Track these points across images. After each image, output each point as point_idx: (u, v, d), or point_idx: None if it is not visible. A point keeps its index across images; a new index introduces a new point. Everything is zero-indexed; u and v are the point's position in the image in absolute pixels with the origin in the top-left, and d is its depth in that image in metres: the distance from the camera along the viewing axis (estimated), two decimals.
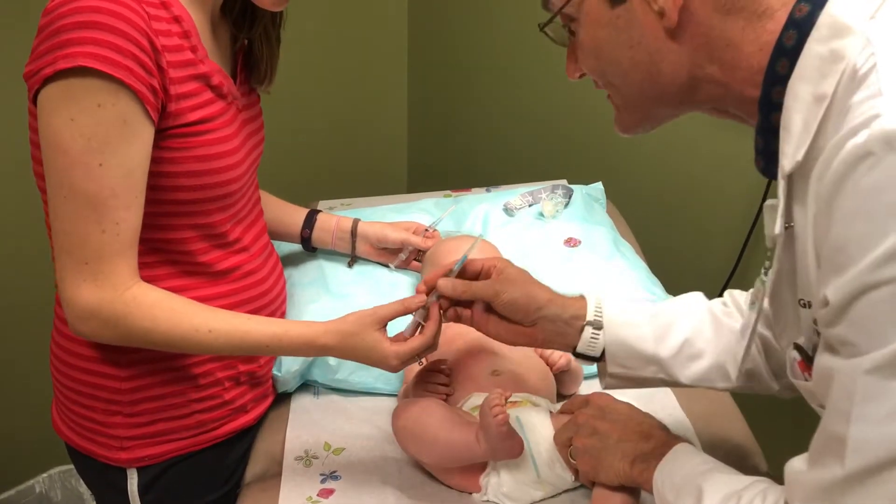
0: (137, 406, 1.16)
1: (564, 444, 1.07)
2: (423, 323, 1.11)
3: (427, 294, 1.11)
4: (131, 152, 1.01)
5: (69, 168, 0.99)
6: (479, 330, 1.13)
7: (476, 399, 1.20)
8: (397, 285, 1.50)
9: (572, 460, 1.06)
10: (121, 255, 1.04)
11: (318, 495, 1.15)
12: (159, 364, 1.15)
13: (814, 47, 0.73)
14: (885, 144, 0.63)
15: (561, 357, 1.30)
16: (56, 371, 1.21)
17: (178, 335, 1.07)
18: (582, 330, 1.07)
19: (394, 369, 1.11)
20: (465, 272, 1.13)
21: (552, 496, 1.12)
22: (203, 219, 1.15)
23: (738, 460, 1.14)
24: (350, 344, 1.10)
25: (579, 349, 1.08)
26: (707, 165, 1.97)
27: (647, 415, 1.05)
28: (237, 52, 1.22)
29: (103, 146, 0.99)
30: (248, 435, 1.29)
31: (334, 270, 1.52)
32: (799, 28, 0.73)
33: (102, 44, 0.96)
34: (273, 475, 1.21)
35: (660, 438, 0.99)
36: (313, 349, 1.12)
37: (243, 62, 1.24)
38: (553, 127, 2.32)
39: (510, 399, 1.19)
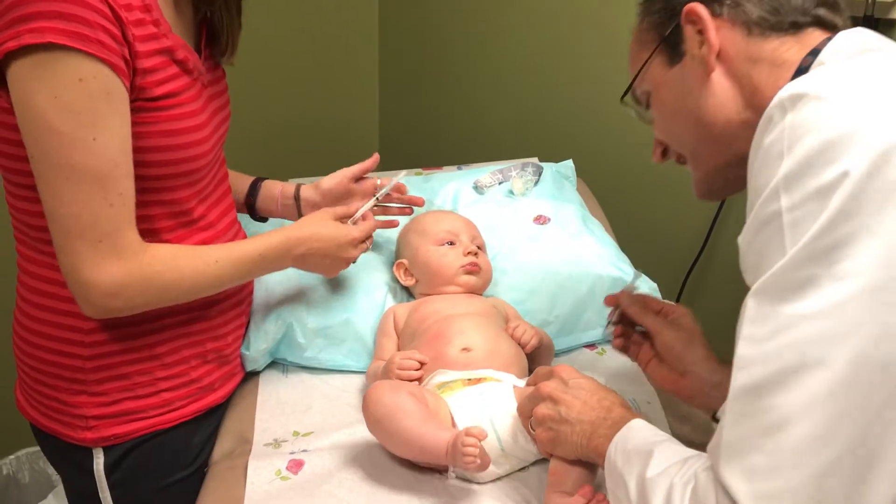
0: (103, 385, 1.14)
1: (527, 414, 1.08)
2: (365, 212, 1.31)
3: None
4: (121, 122, 0.99)
5: (65, 148, 0.96)
6: (641, 363, 1.17)
7: (441, 376, 1.20)
8: (367, 265, 1.49)
9: (532, 431, 1.07)
10: (130, 223, 1.04)
11: (286, 468, 1.15)
12: (124, 343, 1.14)
13: None
14: (779, 108, 0.76)
15: (532, 337, 1.30)
16: (19, 350, 1.19)
17: (200, 277, 1.12)
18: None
19: (354, 255, 1.28)
20: (649, 306, 1.17)
21: (519, 469, 1.13)
22: (169, 195, 1.13)
23: (703, 438, 1.15)
24: (317, 232, 1.24)
25: (718, 415, 1.09)
26: None
27: (609, 390, 1.05)
28: (200, 26, 1.20)
29: (95, 120, 0.96)
30: (215, 414, 1.28)
31: None
32: (802, 73, 0.86)
33: (69, 17, 0.93)
34: (241, 454, 1.20)
35: (619, 414, 1.00)
36: (291, 243, 1.22)
37: (207, 37, 1.22)
38: (524, 105, 2.31)
39: (474, 376, 1.19)
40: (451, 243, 1.40)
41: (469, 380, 1.19)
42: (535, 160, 1.82)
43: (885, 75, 0.77)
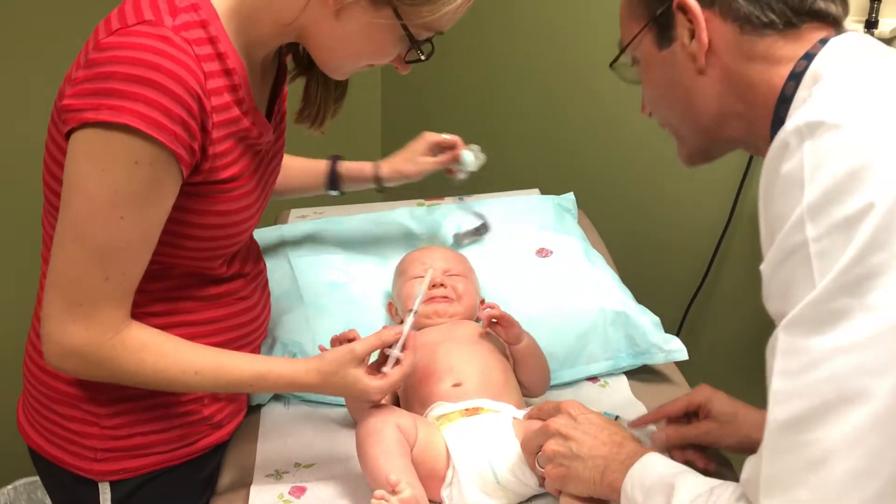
0: (116, 418, 1.14)
1: (532, 450, 1.07)
2: (400, 356, 1.13)
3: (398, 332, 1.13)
4: (154, 211, 0.99)
5: (88, 215, 0.96)
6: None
7: (440, 408, 1.20)
8: (371, 297, 1.50)
9: (540, 468, 1.06)
10: (118, 301, 1.02)
11: (289, 493, 1.16)
12: None
13: (800, 93, 0.85)
14: (796, 135, 0.75)
15: (514, 325, 1.29)
16: (30, 374, 1.18)
17: (164, 378, 1.06)
18: None
19: (376, 402, 1.15)
20: (673, 412, 1.22)
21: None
22: (201, 264, 1.14)
23: (709, 474, 1.15)
24: (332, 382, 1.11)
25: None
26: (678, 176, 1.99)
27: (618, 425, 1.05)
28: (273, 93, 1.20)
29: (129, 201, 0.96)
30: (220, 450, 1.28)
31: (307, 282, 1.52)
32: (796, 79, 0.86)
33: (153, 105, 0.92)
34: (242, 486, 1.21)
35: (632, 448, 1.00)
36: (296, 387, 1.15)
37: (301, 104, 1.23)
38: (526, 137, 2.33)
39: (471, 406, 1.19)
40: (421, 278, 1.40)
41: (467, 409, 1.19)
42: (484, 217, 1.73)
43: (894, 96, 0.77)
